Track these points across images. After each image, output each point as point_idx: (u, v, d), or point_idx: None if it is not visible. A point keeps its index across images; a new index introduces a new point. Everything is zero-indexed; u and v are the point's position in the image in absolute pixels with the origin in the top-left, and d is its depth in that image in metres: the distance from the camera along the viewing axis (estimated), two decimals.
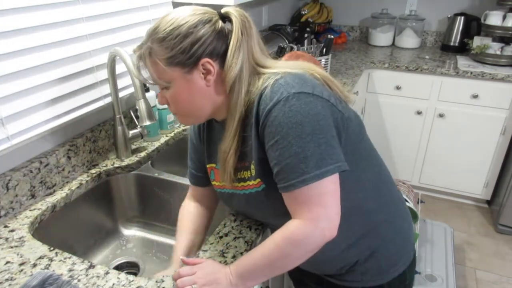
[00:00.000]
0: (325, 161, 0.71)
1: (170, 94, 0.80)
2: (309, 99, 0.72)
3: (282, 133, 0.71)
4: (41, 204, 1.07)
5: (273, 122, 0.72)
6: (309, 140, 0.70)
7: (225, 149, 0.80)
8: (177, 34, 0.74)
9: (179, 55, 0.74)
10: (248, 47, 0.78)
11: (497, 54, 2.30)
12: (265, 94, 0.74)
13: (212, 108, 0.82)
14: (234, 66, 0.76)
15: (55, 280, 0.80)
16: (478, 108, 2.31)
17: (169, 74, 0.77)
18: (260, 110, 0.75)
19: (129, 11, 1.33)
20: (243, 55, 0.76)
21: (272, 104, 0.72)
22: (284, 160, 0.72)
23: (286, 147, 0.71)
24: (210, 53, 0.76)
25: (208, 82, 0.77)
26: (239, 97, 0.77)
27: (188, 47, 0.74)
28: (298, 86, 0.73)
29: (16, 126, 1.02)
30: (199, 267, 0.80)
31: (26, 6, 1.00)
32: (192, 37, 0.74)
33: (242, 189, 0.85)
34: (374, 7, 2.90)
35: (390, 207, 0.92)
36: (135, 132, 1.31)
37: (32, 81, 1.04)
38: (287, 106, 0.71)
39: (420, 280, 1.66)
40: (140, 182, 1.30)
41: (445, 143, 2.47)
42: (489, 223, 2.48)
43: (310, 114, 0.71)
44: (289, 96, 0.71)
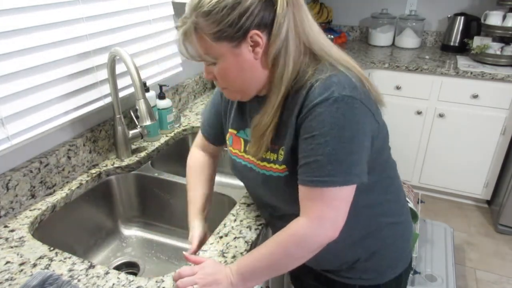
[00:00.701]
0: (353, 170, 0.72)
1: (218, 70, 0.77)
2: (356, 105, 0.71)
3: (322, 130, 0.71)
4: (41, 204, 1.07)
5: (316, 117, 0.71)
6: (346, 146, 0.70)
7: (266, 123, 0.78)
8: (223, 6, 0.70)
9: (227, 28, 0.71)
10: (295, 18, 0.74)
11: (497, 54, 2.30)
12: (315, 88, 0.72)
13: (261, 82, 0.79)
14: (279, 36, 0.72)
15: (55, 280, 0.80)
16: (478, 108, 2.31)
17: (216, 49, 0.73)
18: (307, 102, 0.73)
19: (129, 11, 1.33)
20: (288, 25, 0.73)
21: (320, 99, 0.71)
22: (315, 155, 0.72)
23: (322, 144, 0.71)
24: (258, 24, 0.72)
25: (257, 54, 0.74)
26: (284, 71, 0.75)
27: (236, 20, 0.70)
28: (350, 89, 0.71)
29: (16, 126, 1.02)
30: (200, 266, 0.80)
31: (26, 6, 1.00)
32: (239, 8, 0.70)
33: (263, 168, 0.84)
34: (374, 7, 2.90)
35: (396, 211, 0.93)
36: (135, 132, 1.31)
37: (32, 81, 1.04)
38: (335, 106, 0.70)
39: (420, 280, 1.66)
40: (140, 182, 1.30)
41: (445, 143, 2.47)
42: (489, 223, 2.48)
43: (353, 121, 0.71)
44: (339, 97, 0.70)
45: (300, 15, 0.75)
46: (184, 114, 1.68)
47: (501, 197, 2.34)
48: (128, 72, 1.09)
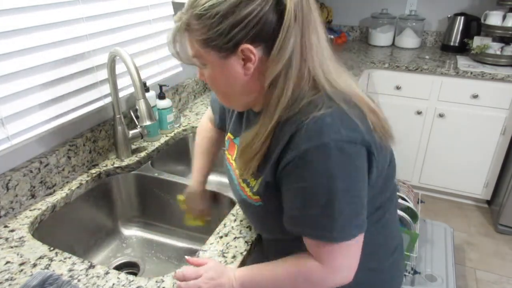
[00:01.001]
0: (351, 224, 0.66)
1: (207, 75, 0.72)
2: (352, 151, 0.64)
3: (313, 182, 0.64)
4: (41, 204, 1.07)
5: (306, 166, 0.64)
6: (341, 198, 0.64)
7: (256, 148, 0.71)
8: (216, 12, 0.62)
9: (216, 37, 0.64)
10: (304, 39, 0.64)
11: (497, 54, 2.30)
12: (306, 127, 0.63)
13: (251, 98, 0.73)
14: (280, 58, 0.64)
15: (55, 280, 0.80)
16: (478, 108, 2.31)
17: (204, 56, 0.68)
18: (293, 144, 0.65)
19: (129, 11, 1.33)
20: (294, 47, 0.63)
21: (310, 146, 0.63)
22: (307, 210, 0.66)
23: (314, 197, 0.65)
24: (253, 38, 0.63)
25: (248, 70, 0.67)
26: (281, 97, 0.66)
27: (227, 30, 0.63)
28: (345, 132, 0.63)
29: (16, 126, 1.02)
30: (204, 269, 0.79)
31: (26, 6, 1.00)
32: (232, 17, 0.62)
33: (241, 189, 0.82)
34: (374, 7, 2.90)
35: (381, 256, 0.86)
36: (135, 132, 1.31)
37: (32, 81, 1.04)
38: (326, 155, 0.62)
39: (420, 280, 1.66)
40: (140, 182, 1.30)
41: (445, 143, 2.47)
42: (489, 223, 2.48)
43: (349, 170, 0.64)
44: (330, 143, 0.62)
45: (310, 36, 0.65)
46: (184, 114, 1.68)
47: (501, 197, 2.34)
48: (128, 72, 1.09)
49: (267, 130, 0.69)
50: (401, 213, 1.73)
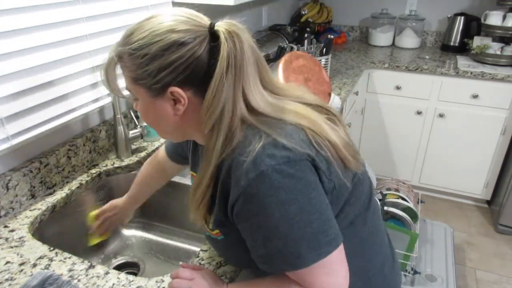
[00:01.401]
0: (319, 242, 0.62)
1: (139, 108, 0.71)
2: (294, 169, 0.61)
3: (265, 214, 0.61)
4: (41, 204, 1.07)
5: (252, 201, 0.61)
6: (298, 221, 0.61)
7: (198, 198, 0.70)
8: (145, 53, 0.62)
9: (145, 77, 0.64)
10: (236, 85, 0.63)
11: (497, 54, 2.30)
12: (240, 163, 0.61)
13: (186, 135, 0.74)
14: (214, 109, 0.63)
15: (55, 280, 0.80)
16: (478, 108, 2.31)
17: (134, 91, 0.68)
18: (232, 180, 0.63)
19: (129, 11, 1.33)
20: (226, 96, 0.62)
21: (248, 179, 0.60)
22: (270, 243, 0.63)
23: (272, 230, 0.62)
24: (182, 82, 0.63)
25: (177, 111, 0.67)
26: (215, 144, 0.64)
27: (155, 72, 0.63)
28: (280, 155, 0.61)
29: (16, 126, 1.02)
30: (199, 274, 0.78)
31: (26, 6, 1.00)
32: (160, 61, 0.62)
33: (205, 229, 0.80)
34: (374, 7, 2.90)
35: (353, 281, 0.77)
36: (135, 132, 1.31)
37: (32, 81, 1.04)
38: (267, 183, 0.60)
39: (420, 280, 1.66)
40: None
41: (445, 143, 2.47)
42: (489, 223, 2.48)
43: (296, 189, 0.61)
44: (268, 169, 0.59)
45: (241, 79, 0.63)
46: None
47: (501, 197, 2.34)
48: None
49: (208, 177, 0.67)
50: (401, 213, 1.73)
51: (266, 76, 0.69)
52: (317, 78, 1.46)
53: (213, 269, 0.85)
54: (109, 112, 1.35)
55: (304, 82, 1.41)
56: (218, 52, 0.62)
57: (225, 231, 0.73)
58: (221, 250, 0.82)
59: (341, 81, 2.10)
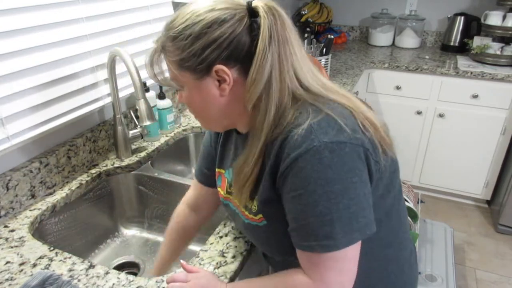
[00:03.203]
0: (353, 226, 0.63)
1: (185, 97, 0.72)
2: (343, 151, 0.62)
3: (308, 188, 0.62)
4: (41, 204, 1.07)
5: (299, 174, 0.63)
6: (338, 201, 0.62)
7: (246, 174, 0.70)
8: (189, 34, 0.64)
9: (190, 58, 0.65)
10: (281, 57, 0.64)
11: (497, 54, 2.30)
12: (293, 136, 0.63)
13: (231, 120, 0.74)
14: (260, 80, 0.64)
15: (55, 280, 0.80)
16: (478, 108, 2.31)
17: (180, 78, 0.69)
18: (284, 153, 0.64)
19: (129, 11, 1.33)
20: (272, 66, 0.64)
21: (299, 152, 0.62)
22: (306, 218, 0.64)
23: (311, 204, 0.63)
24: (226, 59, 0.64)
25: (223, 91, 0.67)
26: (265, 118, 0.65)
27: (199, 51, 0.64)
28: (333, 134, 0.62)
29: (16, 126, 1.02)
30: (194, 276, 0.77)
31: (26, 6, 1.00)
32: (204, 39, 0.63)
33: (243, 215, 0.80)
34: (374, 7, 2.90)
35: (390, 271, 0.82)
36: (135, 132, 1.31)
37: (32, 81, 1.04)
38: (316, 158, 0.61)
39: (420, 280, 1.66)
40: (140, 182, 1.30)
41: (445, 143, 2.47)
42: (489, 223, 2.48)
43: (342, 171, 0.62)
44: (320, 146, 0.61)
45: (287, 52, 0.65)
46: (184, 114, 1.68)
47: (501, 197, 2.34)
48: (128, 72, 1.09)
49: (256, 153, 0.68)
50: None
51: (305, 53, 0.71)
52: None
53: (213, 269, 0.86)
54: (109, 112, 1.35)
55: None
56: (259, 27, 0.63)
57: (270, 213, 0.73)
58: (262, 237, 0.79)
59: (341, 81, 2.10)
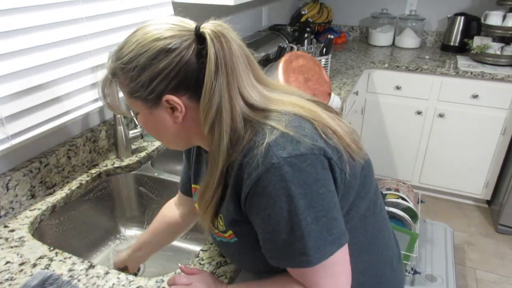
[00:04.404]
0: (325, 239, 0.62)
1: (141, 121, 0.72)
2: (305, 163, 0.61)
3: (274, 207, 0.61)
4: (41, 204, 1.07)
5: (263, 193, 0.61)
6: (306, 216, 0.61)
7: (207, 199, 0.70)
8: (135, 65, 0.63)
9: (139, 88, 0.64)
10: (229, 84, 0.62)
11: (497, 54, 2.30)
12: (252, 157, 0.62)
13: (190, 141, 0.73)
14: (209, 109, 0.63)
15: (55, 280, 0.80)
16: (478, 108, 2.31)
17: (133, 105, 0.69)
18: (245, 174, 0.63)
19: (129, 11, 1.33)
20: (220, 96, 0.62)
21: (260, 171, 0.61)
22: (277, 237, 0.63)
23: (280, 223, 0.62)
24: (175, 88, 0.63)
25: (176, 118, 0.67)
26: (220, 144, 0.64)
27: (147, 82, 0.63)
28: (292, 148, 0.61)
29: (16, 126, 1.02)
30: (196, 278, 0.77)
31: (26, 6, 1.00)
32: (150, 70, 0.62)
33: (214, 233, 0.79)
34: (374, 7, 2.90)
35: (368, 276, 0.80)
36: (135, 132, 1.31)
37: (32, 81, 1.04)
38: (277, 175, 0.60)
39: (420, 280, 1.66)
40: (140, 182, 1.30)
41: (445, 143, 2.47)
42: (489, 223, 2.48)
43: (306, 183, 0.60)
44: (279, 162, 0.60)
45: (234, 78, 0.63)
46: None
47: (501, 197, 2.34)
48: None
49: (215, 179, 0.67)
50: (401, 213, 1.73)
51: (258, 73, 0.70)
52: (317, 78, 1.46)
53: (213, 269, 0.86)
54: (109, 112, 1.35)
55: (304, 82, 1.41)
56: (206, 54, 0.61)
57: (239, 231, 0.72)
58: (234, 254, 0.79)
59: (341, 81, 2.10)
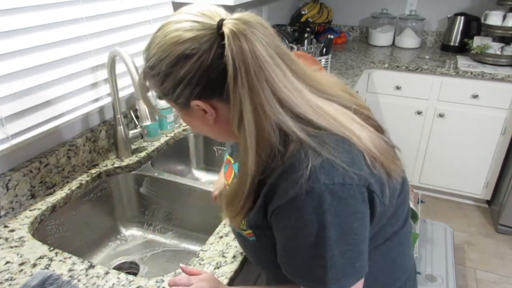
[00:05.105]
0: (347, 272, 0.60)
1: (181, 118, 0.70)
2: (346, 193, 0.57)
3: (303, 230, 0.59)
4: (41, 204, 1.07)
5: (295, 213, 0.59)
6: (333, 248, 0.58)
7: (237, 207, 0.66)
8: (158, 71, 0.60)
9: (167, 93, 0.62)
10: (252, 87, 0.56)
11: (497, 54, 2.30)
12: (294, 172, 0.58)
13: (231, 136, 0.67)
14: (234, 112, 0.59)
15: (55, 280, 0.80)
16: (478, 108, 2.31)
17: (168, 103, 0.67)
18: (280, 188, 0.59)
19: (129, 11, 1.33)
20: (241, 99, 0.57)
21: (299, 191, 0.57)
22: (300, 256, 0.61)
23: (306, 246, 0.60)
24: (201, 93, 0.60)
25: (209, 120, 0.64)
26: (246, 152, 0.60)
27: (171, 89, 0.61)
28: (337, 175, 0.57)
29: (16, 126, 1.02)
30: (197, 278, 0.76)
31: (26, 6, 1.00)
32: (172, 77, 0.59)
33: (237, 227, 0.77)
34: (374, 7, 2.90)
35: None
36: (135, 132, 1.31)
37: (32, 81, 1.04)
38: (316, 201, 0.57)
39: (420, 280, 1.66)
40: (140, 182, 1.30)
41: (445, 143, 2.47)
42: (489, 223, 2.48)
43: (343, 215, 0.58)
44: (320, 188, 0.56)
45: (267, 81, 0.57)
46: None
47: (501, 197, 2.34)
48: (128, 72, 1.09)
49: (247, 186, 0.63)
50: None
51: (297, 68, 0.62)
52: None
53: (213, 269, 0.86)
54: (109, 112, 1.35)
55: None
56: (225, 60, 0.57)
57: (259, 234, 0.70)
58: (249, 251, 0.78)
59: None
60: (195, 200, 1.23)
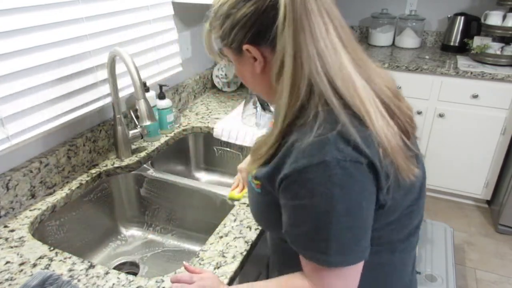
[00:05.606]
0: (351, 249, 0.61)
1: (235, 68, 0.73)
2: (357, 171, 0.58)
3: (312, 201, 0.59)
4: (41, 204, 1.07)
5: (304, 184, 0.59)
6: (340, 222, 0.59)
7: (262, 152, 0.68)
8: (220, 14, 0.66)
9: (224, 37, 0.68)
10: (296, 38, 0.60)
11: (497, 54, 2.30)
12: (307, 141, 0.59)
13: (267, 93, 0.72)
14: (275, 61, 0.63)
15: (55, 280, 0.80)
16: (478, 108, 2.31)
17: (225, 52, 0.72)
18: (292, 155, 0.61)
19: (129, 11, 1.33)
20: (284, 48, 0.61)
21: (309, 162, 0.58)
22: (303, 228, 0.62)
23: (312, 217, 0.60)
24: (252, 39, 0.64)
25: (256, 68, 0.67)
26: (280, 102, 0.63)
27: (229, 31, 0.66)
28: (350, 152, 0.58)
29: (16, 126, 1.02)
30: (199, 277, 0.77)
31: (26, 6, 1.00)
32: (231, 19, 0.64)
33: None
34: (374, 7, 2.90)
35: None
36: (135, 132, 1.31)
37: (32, 81, 1.04)
38: (327, 174, 0.57)
39: (420, 280, 1.66)
40: (140, 182, 1.30)
41: (445, 143, 2.47)
42: (489, 223, 2.48)
43: (352, 190, 0.58)
44: (332, 161, 0.57)
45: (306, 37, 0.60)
46: (184, 114, 1.68)
47: (501, 197, 2.34)
48: (128, 72, 1.09)
49: (273, 138, 0.66)
50: None
51: (345, 32, 0.66)
52: None
53: (213, 269, 0.86)
54: (109, 112, 1.35)
55: None
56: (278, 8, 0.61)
57: (264, 188, 0.70)
58: (253, 203, 0.78)
59: None
60: (195, 200, 1.23)
